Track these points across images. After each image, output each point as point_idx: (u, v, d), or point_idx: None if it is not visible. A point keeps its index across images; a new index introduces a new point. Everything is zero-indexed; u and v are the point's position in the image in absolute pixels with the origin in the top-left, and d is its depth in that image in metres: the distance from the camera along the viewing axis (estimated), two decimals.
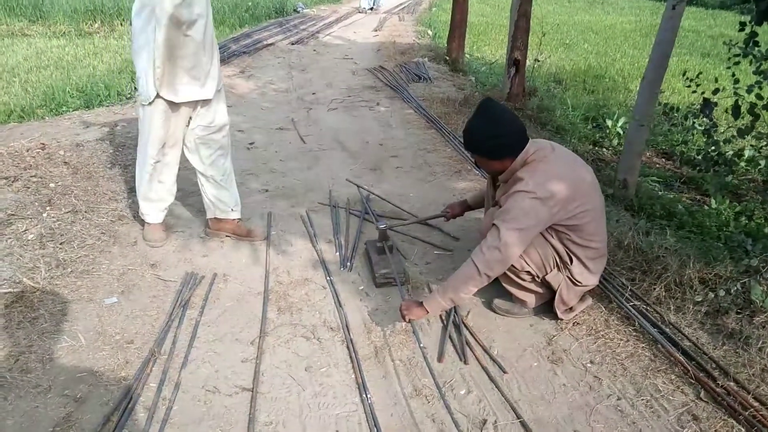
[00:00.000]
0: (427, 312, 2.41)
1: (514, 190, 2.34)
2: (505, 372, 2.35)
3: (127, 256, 3.09)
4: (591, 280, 2.57)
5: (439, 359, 2.41)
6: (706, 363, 2.34)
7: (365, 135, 5.33)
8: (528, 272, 2.53)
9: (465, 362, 2.40)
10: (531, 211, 2.30)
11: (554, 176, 2.34)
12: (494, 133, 2.39)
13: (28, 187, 3.62)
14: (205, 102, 2.98)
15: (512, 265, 2.48)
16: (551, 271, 2.53)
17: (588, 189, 2.44)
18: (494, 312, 2.73)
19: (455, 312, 2.67)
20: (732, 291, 2.58)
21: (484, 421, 2.10)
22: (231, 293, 2.84)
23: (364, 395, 2.19)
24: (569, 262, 2.49)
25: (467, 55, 9.44)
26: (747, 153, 5.07)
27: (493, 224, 2.35)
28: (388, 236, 3.08)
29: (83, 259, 3.00)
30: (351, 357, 2.40)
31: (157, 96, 2.80)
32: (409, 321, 2.45)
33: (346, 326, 2.59)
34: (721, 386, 2.21)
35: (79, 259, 3.00)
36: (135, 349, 2.41)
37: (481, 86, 7.53)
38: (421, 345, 2.48)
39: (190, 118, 3.01)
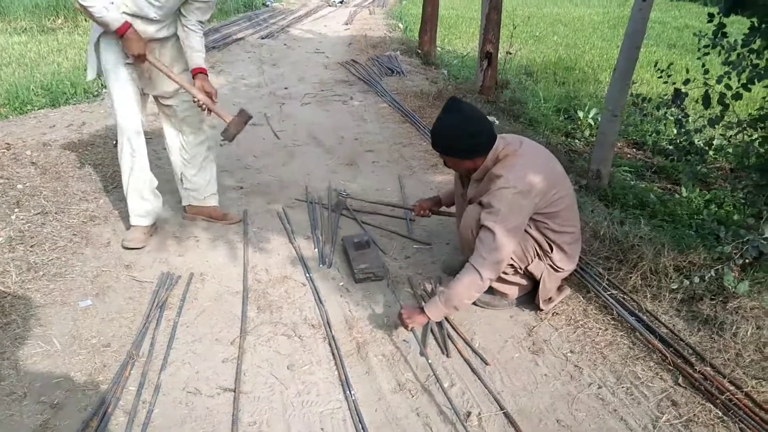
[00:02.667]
0: (429, 319, 2.40)
1: (496, 188, 2.34)
2: (487, 364, 2.37)
3: (100, 258, 3.02)
4: (570, 265, 2.62)
5: (422, 353, 2.42)
6: (683, 349, 2.39)
7: (340, 130, 5.30)
8: (510, 265, 2.55)
9: (447, 355, 2.41)
10: (516, 206, 2.32)
11: (530, 168, 2.36)
12: (466, 133, 2.38)
13: None
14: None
15: None
16: (533, 260, 2.55)
17: (559, 177, 2.49)
18: (475, 304, 2.74)
19: None
20: (706, 278, 2.62)
21: (468, 414, 2.11)
22: (209, 293, 2.80)
23: (348, 392, 2.18)
24: (550, 250, 2.52)
25: (439, 48, 9.45)
26: (716, 142, 5.17)
27: (484, 226, 2.34)
28: (344, 205, 3.35)
29: (55, 262, 2.93)
30: (333, 354, 2.39)
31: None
32: (411, 329, 2.42)
33: (328, 323, 2.58)
34: (699, 371, 2.25)
35: (50, 261, 2.92)
36: (112, 352, 2.36)
37: (454, 79, 7.54)
38: (403, 339, 2.48)
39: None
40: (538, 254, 2.54)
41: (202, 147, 3.28)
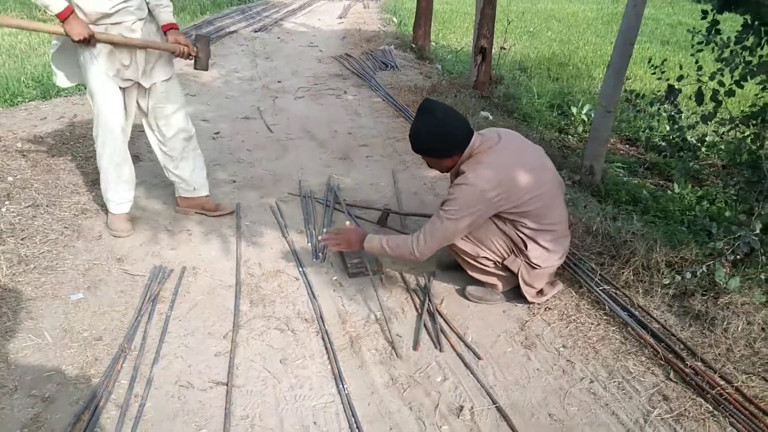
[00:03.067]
0: (362, 248, 2.61)
1: (456, 184, 2.42)
2: (479, 358, 2.37)
3: (92, 251, 3.00)
4: (551, 261, 2.59)
5: (415, 347, 2.42)
6: (675, 344, 2.41)
7: (333, 124, 5.28)
8: (486, 258, 2.57)
9: (440, 350, 2.41)
10: (470, 203, 2.37)
11: (496, 168, 2.39)
12: (442, 134, 2.44)
13: None
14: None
15: (468, 253, 2.57)
16: (508, 257, 2.57)
17: (538, 173, 2.47)
18: (467, 299, 2.74)
19: (429, 300, 2.68)
20: (697, 273, 2.64)
21: (461, 408, 2.12)
22: (201, 286, 2.79)
23: (341, 386, 2.18)
24: (525, 248, 2.52)
25: (433, 43, 9.43)
26: (709, 139, 5.19)
27: (436, 214, 2.45)
28: (385, 221, 3.39)
29: (46, 255, 2.91)
30: (326, 348, 2.39)
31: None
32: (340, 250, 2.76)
33: (321, 317, 2.58)
34: (690, 366, 2.27)
35: (42, 254, 2.90)
36: (104, 345, 2.35)
37: (448, 74, 7.53)
38: (396, 334, 2.49)
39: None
40: (512, 251, 2.56)
41: (178, 138, 3.18)
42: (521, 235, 2.50)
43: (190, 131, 3.24)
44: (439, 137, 2.45)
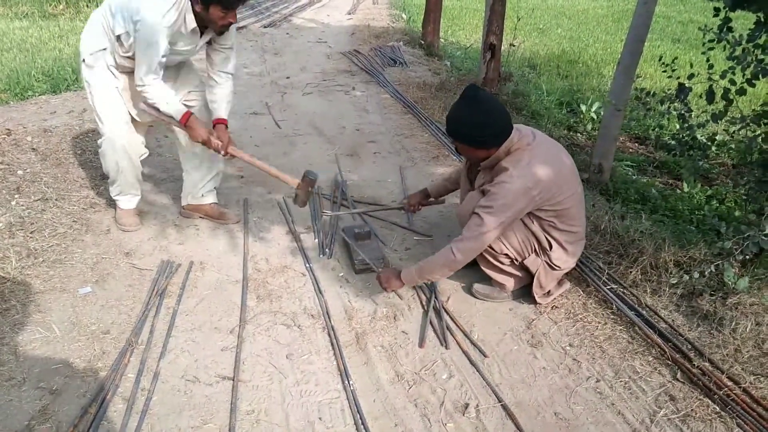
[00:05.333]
0: (403, 284, 2.51)
1: (499, 181, 2.35)
2: (485, 356, 2.37)
3: (100, 245, 3.02)
4: (569, 264, 2.61)
5: (421, 344, 2.42)
6: (682, 344, 2.39)
7: (341, 120, 5.28)
8: (506, 255, 2.55)
9: (446, 347, 2.41)
10: (514, 202, 2.32)
11: (537, 165, 2.35)
12: (482, 123, 2.35)
13: None
14: None
15: (491, 249, 2.53)
16: (530, 255, 2.55)
17: (569, 174, 2.47)
18: (474, 297, 2.74)
19: (435, 297, 2.68)
20: (706, 273, 2.62)
21: (466, 405, 2.12)
22: (208, 281, 2.80)
23: (346, 382, 2.19)
24: (548, 248, 2.52)
25: (442, 40, 9.40)
26: (719, 138, 5.14)
27: (476, 213, 2.36)
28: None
29: (55, 248, 2.93)
30: (332, 344, 2.39)
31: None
32: (391, 291, 2.57)
33: (327, 313, 2.58)
34: (697, 367, 2.26)
35: (50, 248, 2.92)
36: (111, 339, 2.36)
37: (457, 71, 7.50)
38: (402, 330, 2.49)
39: None
40: (535, 250, 2.54)
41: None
42: (547, 234, 2.49)
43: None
44: (479, 126, 2.35)
